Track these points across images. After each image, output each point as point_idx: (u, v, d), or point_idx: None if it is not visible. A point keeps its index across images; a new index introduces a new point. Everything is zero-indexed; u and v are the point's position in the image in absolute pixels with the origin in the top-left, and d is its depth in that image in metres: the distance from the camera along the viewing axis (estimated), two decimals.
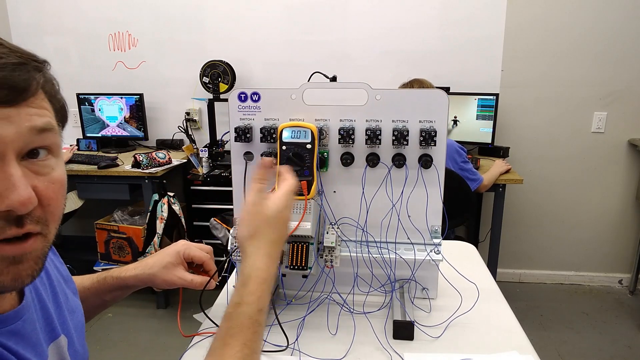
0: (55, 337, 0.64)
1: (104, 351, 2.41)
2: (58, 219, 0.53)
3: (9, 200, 0.45)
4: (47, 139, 0.50)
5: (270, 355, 0.84)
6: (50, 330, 0.64)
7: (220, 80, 2.85)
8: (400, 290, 1.00)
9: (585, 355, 2.35)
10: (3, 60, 0.45)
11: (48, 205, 0.50)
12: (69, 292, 0.73)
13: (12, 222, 0.47)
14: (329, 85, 1.08)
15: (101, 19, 3.03)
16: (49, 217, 0.51)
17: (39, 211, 0.49)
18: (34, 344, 0.59)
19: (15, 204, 0.45)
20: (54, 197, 0.51)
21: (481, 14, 2.79)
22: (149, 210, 2.60)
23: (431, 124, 0.92)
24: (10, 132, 0.45)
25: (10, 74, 0.45)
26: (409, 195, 0.96)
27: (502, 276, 3.04)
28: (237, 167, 1.00)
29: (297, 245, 0.91)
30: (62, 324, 0.67)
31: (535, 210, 3.02)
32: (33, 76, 0.48)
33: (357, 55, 2.92)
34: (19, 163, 0.47)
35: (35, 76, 0.48)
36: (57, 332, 0.65)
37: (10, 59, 0.46)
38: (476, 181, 2.32)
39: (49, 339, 0.63)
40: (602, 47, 2.75)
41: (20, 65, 0.47)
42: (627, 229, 2.98)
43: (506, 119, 2.86)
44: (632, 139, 2.83)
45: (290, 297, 1.02)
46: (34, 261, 0.50)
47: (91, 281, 0.87)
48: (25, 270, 0.50)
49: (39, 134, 0.48)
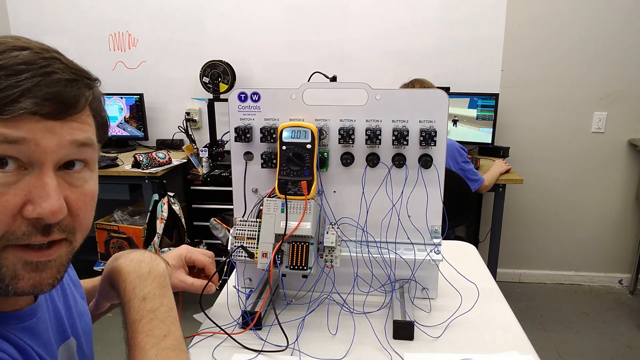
0: (65, 338, 0.65)
1: (104, 351, 2.40)
2: (86, 229, 0.55)
3: (40, 209, 0.47)
4: (85, 153, 0.52)
5: (270, 355, 0.84)
6: (61, 332, 0.65)
7: (220, 80, 2.85)
8: (400, 290, 1.00)
9: (585, 355, 2.35)
10: (58, 75, 0.48)
11: (77, 216, 0.52)
12: (77, 296, 0.74)
13: (39, 230, 0.48)
14: (329, 85, 1.08)
15: (101, 19, 3.03)
16: (77, 226, 0.52)
17: (67, 220, 0.51)
18: (45, 343, 0.59)
19: (46, 212, 0.47)
20: (83, 208, 0.52)
21: (481, 14, 2.79)
22: (149, 210, 2.60)
23: (431, 124, 0.92)
24: (52, 144, 0.48)
25: (62, 89, 0.48)
26: (409, 195, 0.96)
27: (502, 276, 3.04)
28: (237, 167, 1.00)
29: (297, 245, 0.91)
30: (72, 327, 0.68)
31: (535, 210, 3.02)
32: (83, 93, 0.50)
33: (357, 55, 2.92)
34: (55, 173, 0.49)
35: (85, 93, 0.51)
36: (68, 334, 0.66)
37: (65, 75, 0.48)
38: (477, 182, 2.32)
39: (59, 340, 0.64)
40: (602, 47, 2.75)
41: (73, 82, 0.49)
42: (627, 229, 2.98)
43: (506, 119, 2.86)
44: (632, 139, 2.83)
45: (290, 297, 1.02)
46: (56, 269, 0.52)
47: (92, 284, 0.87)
48: (47, 278, 0.51)
49: (78, 147, 0.50)
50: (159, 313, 0.59)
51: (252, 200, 1.00)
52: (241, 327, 0.93)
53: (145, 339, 0.56)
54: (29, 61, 0.47)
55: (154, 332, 0.57)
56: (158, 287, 0.62)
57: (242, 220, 0.96)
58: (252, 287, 1.05)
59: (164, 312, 0.60)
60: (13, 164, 0.46)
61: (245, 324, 0.92)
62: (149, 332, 0.57)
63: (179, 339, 0.59)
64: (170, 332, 0.58)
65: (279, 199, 0.92)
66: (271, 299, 0.97)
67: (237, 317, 0.94)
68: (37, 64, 0.47)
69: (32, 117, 0.46)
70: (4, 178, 0.46)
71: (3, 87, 0.45)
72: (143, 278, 0.63)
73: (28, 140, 0.46)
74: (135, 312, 0.59)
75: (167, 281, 0.66)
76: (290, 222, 0.90)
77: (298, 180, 0.91)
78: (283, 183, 0.92)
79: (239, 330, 0.92)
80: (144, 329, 0.57)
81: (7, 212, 0.46)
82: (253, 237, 0.94)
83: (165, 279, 0.66)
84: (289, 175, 0.91)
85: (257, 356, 0.85)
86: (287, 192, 0.92)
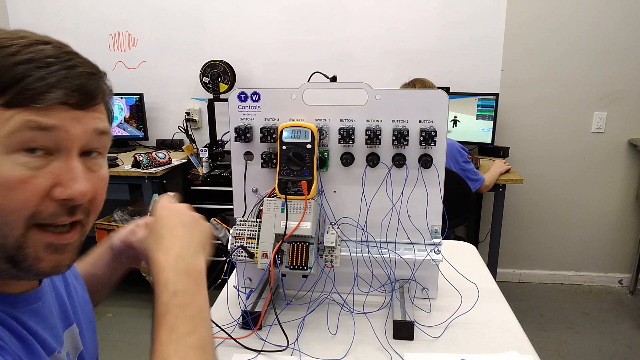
0: (69, 324, 0.67)
1: (104, 351, 2.40)
2: (98, 212, 0.59)
3: (71, 190, 0.51)
4: (102, 140, 0.56)
5: (271, 355, 0.84)
6: (65, 317, 0.67)
7: (220, 80, 2.85)
8: (400, 290, 1.00)
9: (585, 355, 2.35)
10: (81, 69, 0.53)
11: (94, 199, 0.56)
12: (78, 287, 0.75)
13: (65, 210, 0.52)
14: (329, 85, 1.08)
15: (101, 19, 3.03)
16: (92, 208, 0.57)
17: (86, 203, 0.55)
18: (51, 326, 0.61)
19: (76, 194, 0.51)
20: (100, 192, 0.57)
21: (481, 14, 2.79)
22: (149, 210, 2.60)
23: (431, 124, 0.92)
24: (79, 131, 0.52)
25: (86, 82, 0.53)
26: (409, 195, 0.96)
27: (502, 276, 3.04)
28: (237, 167, 1.00)
29: (297, 245, 0.91)
30: (75, 314, 0.70)
31: (535, 210, 3.02)
32: (101, 86, 0.56)
33: (357, 55, 2.92)
34: (79, 159, 0.53)
35: (102, 86, 0.56)
36: (71, 320, 0.68)
37: (86, 69, 0.54)
38: (478, 182, 2.32)
39: (64, 325, 0.66)
40: (602, 47, 2.75)
41: (93, 75, 0.54)
42: (627, 229, 2.98)
43: (506, 119, 2.86)
44: (632, 139, 2.83)
45: (290, 297, 1.02)
46: (72, 252, 0.56)
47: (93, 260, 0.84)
48: (64, 260, 0.55)
49: (98, 135, 0.55)
50: (187, 310, 0.57)
51: (252, 200, 1.00)
52: (241, 327, 0.93)
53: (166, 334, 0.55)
54: (54, 55, 0.51)
55: (177, 328, 0.55)
56: (192, 284, 0.60)
57: (242, 220, 0.96)
58: (252, 287, 1.05)
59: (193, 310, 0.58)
60: (41, 150, 0.50)
61: (245, 324, 0.92)
62: (172, 327, 0.55)
63: (205, 339, 0.56)
64: (197, 330, 0.56)
65: (279, 199, 0.92)
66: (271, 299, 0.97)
67: (237, 317, 0.94)
68: (62, 57, 0.52)
69: (61, 107, 0.50)
70: (34, 162, 0.49)
71: (36, 78, 0.49)
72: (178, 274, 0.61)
73: (58, 127, 0.50)
74: (164, 306, 0.57)
75: (204, 278, 0.63)
76: (290, 222, 0.90)
77: (298, 180, 0.91)
78: (283, 183, 0.92)
79: (242, 333, 0.92)
80: (168, 324, 0.56)
81: (36, 194, 0.50)
82: (253, 237, 0.94)
83: (202, 276, 0.63)
84: (289, 175, 0.91)
85: (256, 356, 0.85)
86: (287, 192, 0.92)
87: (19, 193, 0.49)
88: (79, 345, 0.68)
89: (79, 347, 0.68)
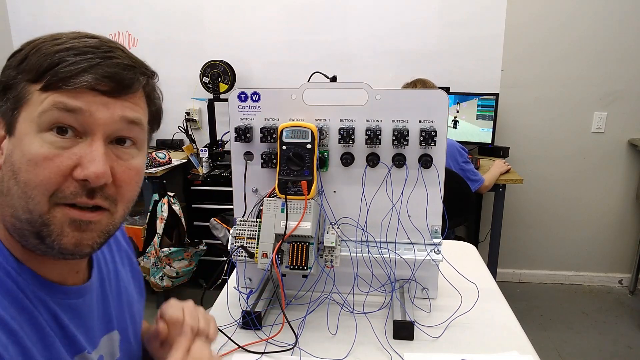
0: (110, 329, 0.68)
1: None
2: (127, 201, 0.59)
3: (87, 171, 0.52)
4: (133, 130, 0.57)
5: (272, 356, 0.84)
6: (107, 322, 0.67)
7: (220, 80, 2.85)
8: (400, 290, 1.00)
9: (585, 355, 2.35)
10: (119, 60, 0.55)
11: (120, 187, 0.57)
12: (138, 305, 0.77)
13: (84, 192, 0.53)
14: (329, 85, 1.08)
15: (101, 19, 3.03)
16: (119, 197, 0.57)
17: (112, 189, 0.56)
18: (87, 327, 0.62)
19: (91, 174, 0.52)
20: (127, 181, 0.57)
21: (481, 14, 2.79)
22: (149, 210, 2.60)
23: (431, 124, 0.92)
24: (104, 116, 0.54)
25: (120, 71, 0.54)
26: (409, 195, 0.96)
27: (502, 276, 3.04)
28: (237, 167, 1.00)
29: (297, 245, 0.91)
30: (119, 320, 0.70)
31: (535, 210, 3.02)
32: (137, 78, 0.57)
33: (357, 55, 2.92)
34: (105, 145, 0.55)
35: (140, 78, 0.57)
36: (113, 326, 0.69)
37: (124, 61, 0.55)
38: (477, 182, 2.32)
39: (104, 330, 0.67)
40: (602, 47, 2.75)
41: (130, 67, 0.56)
42: (627, 229, 2.98)
43: (506, 119, 2.86)
44: (632, 139, 2.83)
45: (291, 297, 1.02)
46: (96, 233, 0.56)
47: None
48: (87, 239, 0.55)
49: (128, 124, 0.56)
50: None
51: (252, 200, 1.00)
52: (241, 328, 0.93)
53: None
54: (95, 46, 0.54)
55: None
56: None
57: (242, 220, 0.96)
58: (252, 287, 1.05)
59: None
60: (71, 132, 0.53)
61: (245, 324, 0.92)
62: None
63: None
64: None
65: (279, 199, 0.92)
66: (271, 299, 0.97)
67: (238, 318, 0.94)
68: (102, 49, 0.54)
69: (90, 92, 0.53)
70: (61, 142, 0.52)
71: (70, 63, 0.52)
72: None
73: (84, 110, 0.53)
74: None
75: None
76: (290, 222, 0.90)
77: (298, 180, 0.91)
78: (283, 183, 0.92)
79: (242, 333, 0.92)
80: None
81: (59, 172, 0.52)
82: (253, 237, 0.94)
83: None
84: (289, 175, 0.91)
85: (260, 357, 0.85)
86: (287, 192, 0.92)
87: (43, 169, 0.51)
88: (115, 352, 0.69)
89: (115, 354, 0.69)
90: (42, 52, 0.53)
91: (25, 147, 0.52)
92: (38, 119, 0.52)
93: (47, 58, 0.52)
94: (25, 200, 0.52)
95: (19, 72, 0.53)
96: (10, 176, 0.53)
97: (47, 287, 0.57)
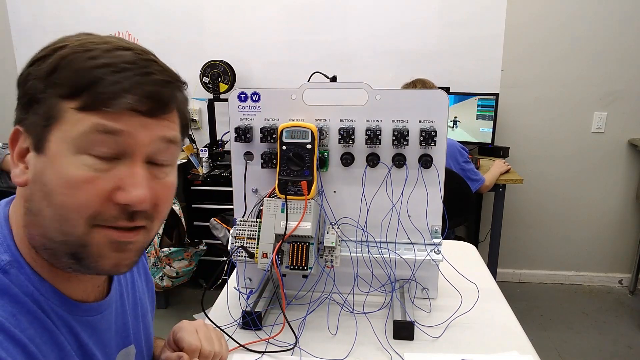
0: (126, 344, 0.67)
1: None
2: (163, 218, 0.58)
3: (130, 196, 0.51)
4: (170, 149, 0.56)
5: (273, 355, 0.84)
6: (124, 337, 0.67)
7: (220, 80, 2.85)
8: (401, 290, 1.00)
9: (585, 355, 2.35)
10: (157, 76, 0.53)
11: (157, 205, 0.55)
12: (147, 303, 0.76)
13: (125, 215, 0.52)
14: (329, 85, 1.08)
15: (101, 19, 3.03)
16: (156, 215, 0.56)
17: (150, 209, 0.54)
18: (105, 343, 0.61)
19: (134, 200, 0.51)
20: (163, 199, 0.56)
21: (481, 14, 2.79)
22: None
23: (431, 124, 0.92)
24: (145, 138, 0.52)
25: (160, 89, 0.53)
26: (409, 195, 0.96)
27: (502, 276, 3.04)
28: (237, 167, 1.00)
29: (297, 245, 0.91)
30: (135, 334, 0.70)
31: (535, 210, 3.02)
32: (175, 95, 0.55)
33: (357, 55, 2.92)
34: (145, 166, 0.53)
35: (177, 94, 0.56)
36: (130, 340, 0.68)
37: (161, 77, 0.53)
38: (478, 182, 2.31)
39: (120, 345, 0.66)
40: (602, 47, 2.75)
41: (168, 84, 0.54)
42: (627, 229, 2.98)
43: (506, 119, 2.86)
44: (632, 139, 2.83)
45: (291, 297, 1.02)
46: (134, 252, 0.55)
47: None
48: (125, 259, 0.55)
49: (166, 143, 0.55)
50: None
51: (252, 200, 1.00)
52: (241, 328, 0.93)
53: None
54: (132, 61, 0.52)
55: None
56: None
57: (242, 220, 0.96)
58: (252, 287, 1.05)
59: None
60: (110, 153, 0.51)
61: (245, 324, 0.92)
62: None
63: None
64: None
65: (279, 199, 0.92)
66: (271, 299, 0.97)
67: (238, 318, 0.94)
68: (139, 64, 0.52)
69: (131, 113, 0.51)
70: (99, 165, 0.50)
71: (109, 83, 0.49)
72: None
73: (125, 132, 0.51)
74: None
75: None
76: (290, 222, 0.90)
77: (298, 180, 0.91)
78: (283, 183, 0.92)
79: (243, 333, 0.92)
80: None
81: (99, 195, 0.50)
82: (253, 237, 0.94)
83: None
84: (289, 175, 0.91)
85: (260, 357, 0.85)
86: (287, 192, 0.92)
87: (82, 192, 0.50)
88: None
89: None
90: (75, 67, 0.50)
91: (62, 168, 0.49)
92: (76, 141, 0.49)
93: (84, 74, 0.49)
94: (59, 222, 0.50)
95: (48, 85, 0.50)
96: (41, 197, 0.51)
97: (69, 305, 0.56)
